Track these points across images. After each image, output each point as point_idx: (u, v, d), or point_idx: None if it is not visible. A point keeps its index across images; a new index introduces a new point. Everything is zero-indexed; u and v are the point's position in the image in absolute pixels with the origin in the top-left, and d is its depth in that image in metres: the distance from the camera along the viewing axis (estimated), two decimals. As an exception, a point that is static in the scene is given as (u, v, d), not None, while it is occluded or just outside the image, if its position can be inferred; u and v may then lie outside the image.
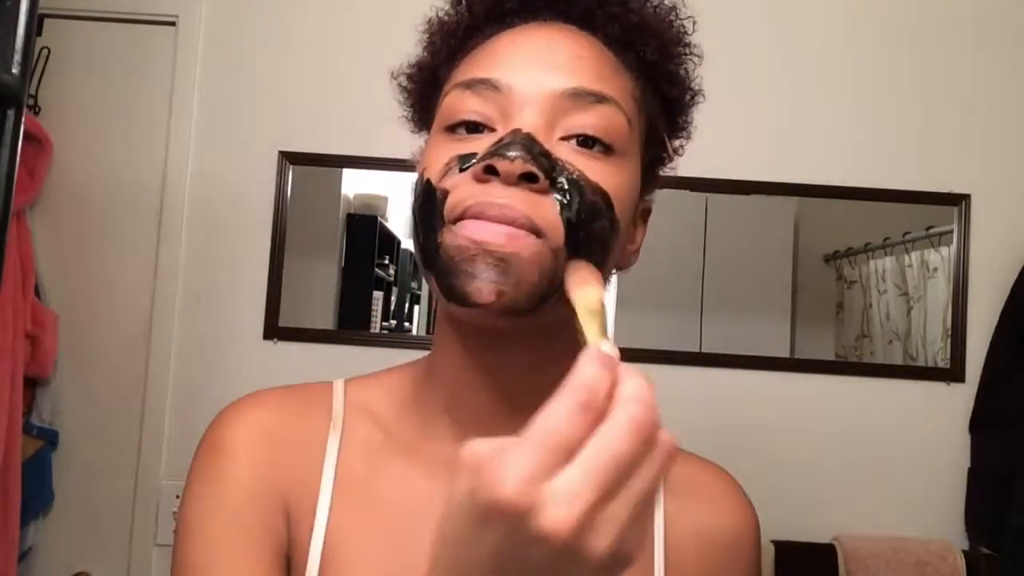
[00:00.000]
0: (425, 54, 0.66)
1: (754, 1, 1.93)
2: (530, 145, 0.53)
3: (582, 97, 0.56)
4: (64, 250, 1.90)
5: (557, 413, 0.36)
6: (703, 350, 1.87)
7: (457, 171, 0.55)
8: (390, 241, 2.06)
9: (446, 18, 0.65)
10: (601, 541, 0.35)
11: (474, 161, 0.55)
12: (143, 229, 1.90)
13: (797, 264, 1.91)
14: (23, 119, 0.65)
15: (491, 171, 0.53)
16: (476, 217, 0.53)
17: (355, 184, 1.99)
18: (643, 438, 0.36)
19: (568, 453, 0.36)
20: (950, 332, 1.85)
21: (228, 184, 1.90)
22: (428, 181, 0.57)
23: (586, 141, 0.56)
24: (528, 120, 0.55)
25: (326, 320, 1.94)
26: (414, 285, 2.14)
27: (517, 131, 0.54)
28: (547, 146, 0.54)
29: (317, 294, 1.97)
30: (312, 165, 1.91)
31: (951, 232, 1.87)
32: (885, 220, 1.92)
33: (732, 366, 1.85)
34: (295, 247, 1.90)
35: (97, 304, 1.90)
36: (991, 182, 1.87)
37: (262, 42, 1.94)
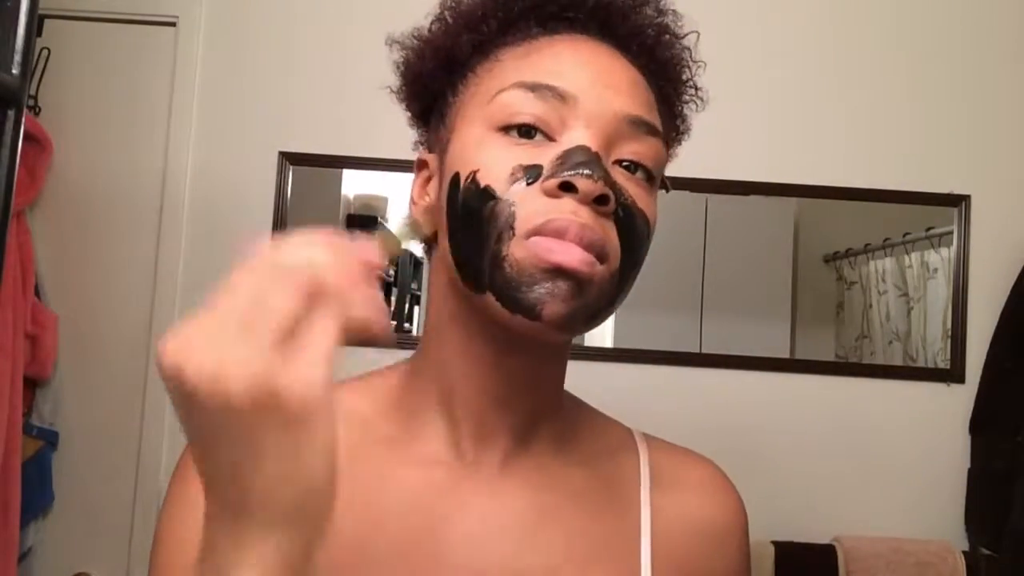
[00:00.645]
0: (439, 33, 0.63)
1: (754, 2, 1.93)
2: (601, 166, 0.54)
3: (639, 126, 0.57)
4: (64, 250, 1.90)
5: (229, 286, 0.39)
6: (703, 351, 1.87)
7: (524, 182, 0.54)
8: (390, 242, 2.06)
9: (470, 5, 0.62)
10: (231, 372, 0.36)
11: (547, 175, 0.54)
12: (143, 230, 1.90)
13: (797, 265, 1.91)
14: (23, 119, 0.65)
15: (568, 188, 0.53)
16: (556, 235, 0.52)
17: (355, 185, 1.99)
18: (262, 268, 0.39)
19: (251, 322, 0.37)
20: (950, 333, 1.85)
21: (228, 185, 1.90)
22: (488, 188, 0.55)
23: (631, 167, 0.57)
24: (591, 138, 0.55)
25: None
26: (414, 286, 2.14)
27: (587, 149, 0.54)
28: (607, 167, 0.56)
29: (317, 295, 1.96)
30: (312, 165, 1.91)
31: (951, 233, 1.87)
32: (885, 221, 1.92)
33: (732, 367, 1.85)
34: (295, 248, 1.90)
35: (97, 304, 1.90)
36: (991, 183, 1.87)
37: (262, 43, 1.94)
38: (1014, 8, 1.92)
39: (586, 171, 0.52)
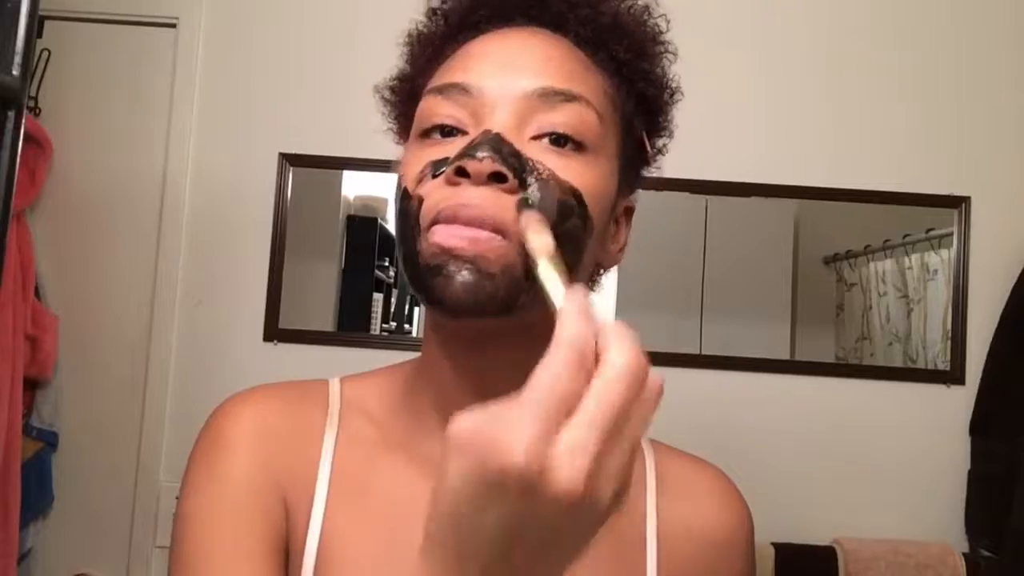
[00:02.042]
0: (406, 66, 0.67)
1: (754, 3, 1.93)
2: (499, 145, 0.54)
3: (551, 96, 0.57)
4: (64, 252, 1.90)
5: (552, 372, 0.36)
6: (703, 352, 1.87)
7: (431, 177, 0.56)
8: (390, 243, 2.06)
9: (423, 29, 0.66)
10: (607, 489, 0.36)
11: (448, 163, 0.55)
12: (143, 231, 1.90)
13: (797, 266, 1.91)
14: (23, 120, 0.65)
15: (461, 173, 0.53)
16: (448, 221, 0.53)
17: (355, 186, 1.99)
18: (636, 383, 0.37)
19: (567, 410, 0.36)
20: (950, 334, 1.85)
21: (228, 186, 1.90)
22: (404, 189, 0.58)
23: (557, 140, 0.56)
24: (498, 121, 0.56)
25: (326, 322, 1.94)
26: (414, 287, 2.14)
27: (487, 132, 0.55)
28: (517, 146, 0.55)
29: (317, 296, 1.97)
30: (312, 167, 1.91)
31: (951, 234, 1.87)
32: (885, 222, 1.92)
33: (732, 368, 1.85)
34: (295, 249, 1.90)
35: (97, 306, 1.90)
36: (991, 184, 1.87)
37: (262, 44, 1.94)
38: (1014, 9, 1.92)
39: (479, 153, 0.53)
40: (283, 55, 1.93)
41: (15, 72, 0.63)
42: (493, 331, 0.58)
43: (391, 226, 2.03)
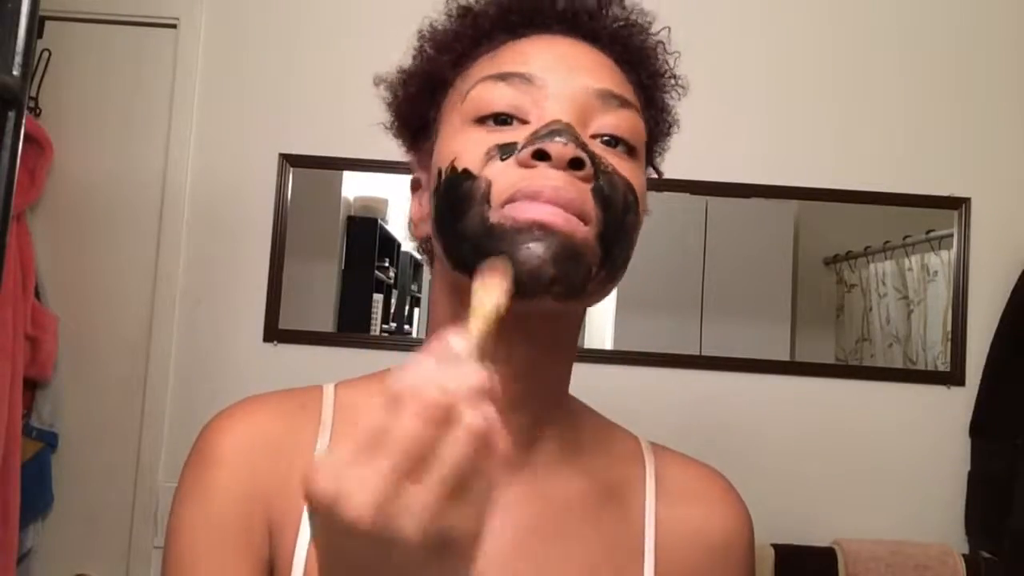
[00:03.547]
0: (418, 62, 0.66)
1: (754, 5, 1.94)
2: (575, 134, 0.55)
3: (609, 99, 0.58)
4: (64, 252, 1.90)
5: (371, 412, 0.37)
6: (703, 353, 1.87)
7: (498, 159, 0.55)
8: (390, 244, 2.06)
9: (445, 28, 0.65)
10: (409, 524, 0.35)
11: (520, 147, 0.55)
12: (143, 232, 1.90)
13: (797, 267, 1.91)
14: (24, 121, 0.65)
15: (541, 156, 0.54)
16: (530, 199, 0.53)
17: (355, 187, 1.99)
18: (432, 420, 0.36)
19: (376, 447, 0.36)
20: (950, 336, 1.85)
21: (228, 187, 1.90)
22: (465, 170, 0.56)
23: (610, 141, 0.58)
24: (563, 113, 0.56)
25: (326, 323, 1.94)
26: (414, 287, 2.15)
27: (558, 121, 0.55)
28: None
29: (317, 297, 1.97)
30: (312, 168, 1.91)
31: (951, 236, 1.87)
32: (885, 223, 1.92)
33: (732, 369, 1.85)
34: (295, 249, 1.90)
35: (97, 306, 1.90)
36: (991, 186, 1.87)
37: (262, 45, 1.94)
38: (1013, 11, 1.92)
39: (558, 138, 0.53)
40: (283, 55, 1.93)
41: (15, 72, 0.63)
42: (536, 325, 0.57)
43: (391, 226, 2.03)
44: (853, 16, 1.93)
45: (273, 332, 1.87)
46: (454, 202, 0.56)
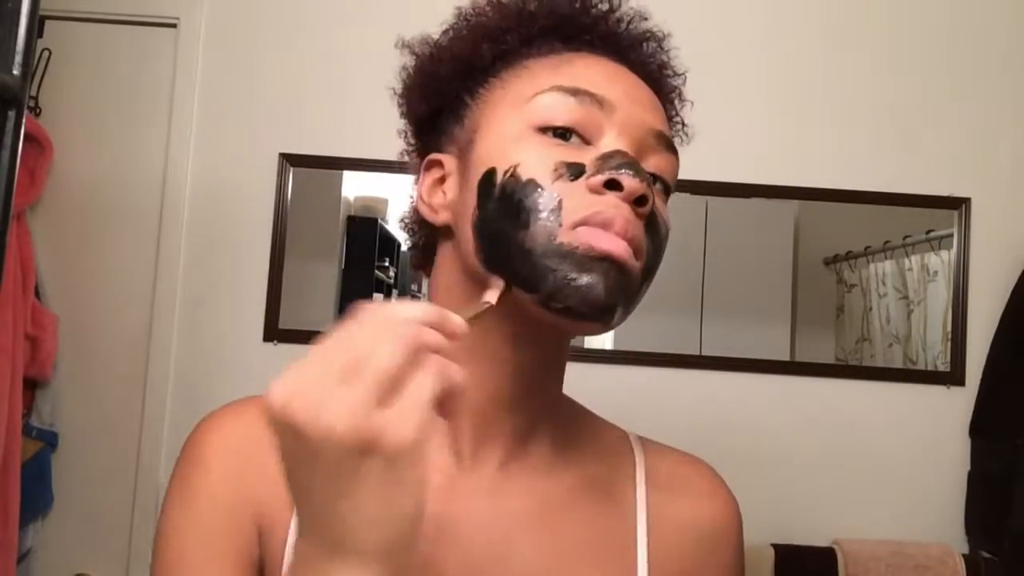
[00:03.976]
0: (455, 40, 0.66)
1: (754, 5, 1.94)
2: (641, 170, 0.56)
3: (661, 140, 0.61)
4: (64, 252, 1.90)
5: (339, 334, 0.43)
6: (703, 353, 1.87)
7: (567, 178, 0.56)
8: (390, 243, 2.06)
9: (489, 19, 0.65)
10: (393, 431, 0.39)
11: (591, 172, 0.56)
12: (143, 231, 1.90)
13: (797, 267, 1.91)
14: (23, 120, 0.65)
15: (613, 186, 0.55)
16: (603, 227, 0.54)
17: (355, 186, 1.99)
18: (390, 331, 0.42)
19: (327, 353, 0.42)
20: (950, 336, 1.85)
21: (228, 186, 1.90)
22: (532, 181, 0.56)
23: (653, 179, 0.60)
24: (627, 146, 0.58)
25: (326, 323, 1.92)
26: (414, 287, 2.14)
27: (627, 154, 0.57)
28: None
29: (317, 296, 1.97)
30: (312, 167, 1.91)
31: (951, 236, 1.87)
32: (885, 223, 1.92)
33: (732, 369, 1.85)
34: (295, 249, 1.90)
35: (97, 306, 1.90)
36: (991, 186, 1.87)
37: (262, 44, 1.94)
38: (1012, 11, 1.92)
39: (631, 171, 0.55)
40: (283, 55, 1.93)
41: (15, 72, 0.63)
42: (548, 335, 0.60)
43: (391, 226, 2.03)
44: (853, 16, 1.93)
45: (273, 332, 1.87)
46: (517, 210, 0.56)
